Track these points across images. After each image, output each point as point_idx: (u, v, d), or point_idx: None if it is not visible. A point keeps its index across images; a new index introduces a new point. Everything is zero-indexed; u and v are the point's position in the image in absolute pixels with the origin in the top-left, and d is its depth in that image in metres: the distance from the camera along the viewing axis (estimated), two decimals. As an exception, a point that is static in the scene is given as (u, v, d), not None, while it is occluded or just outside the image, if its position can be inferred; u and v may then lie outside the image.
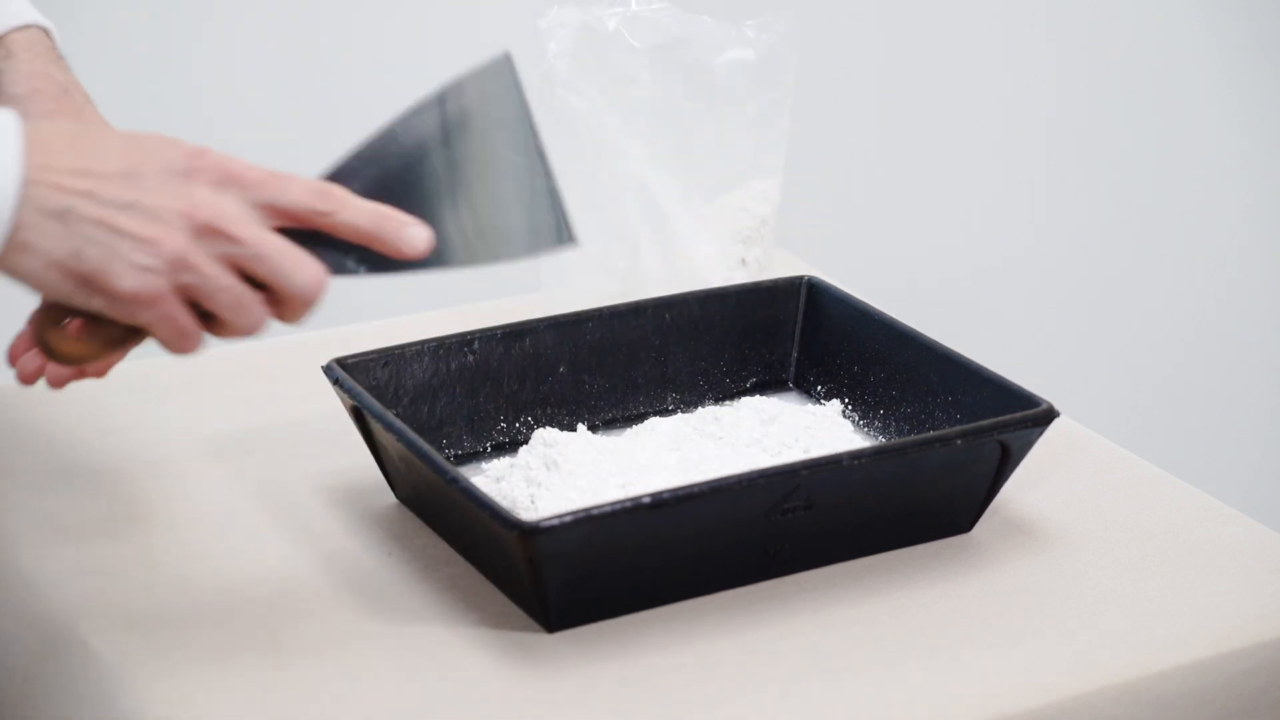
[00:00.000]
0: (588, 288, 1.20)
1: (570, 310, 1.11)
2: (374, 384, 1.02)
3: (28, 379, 0.97)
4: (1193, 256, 2.32)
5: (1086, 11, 2.21)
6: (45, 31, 1.03)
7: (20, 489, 1.05)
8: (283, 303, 0.84)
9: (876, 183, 2.20)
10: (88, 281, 0.80)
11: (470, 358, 1.07)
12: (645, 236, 1.21)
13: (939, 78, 2.18)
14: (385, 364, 1.04)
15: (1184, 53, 2.26)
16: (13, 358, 0.98)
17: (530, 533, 0.88)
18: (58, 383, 0.97)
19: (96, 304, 0.81)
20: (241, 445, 1.10)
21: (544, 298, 1.25)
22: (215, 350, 1.21)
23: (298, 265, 0.83)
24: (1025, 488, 1.05)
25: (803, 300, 1.14)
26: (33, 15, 1.03)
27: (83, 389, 1.16)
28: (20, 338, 0.98)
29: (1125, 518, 1.04)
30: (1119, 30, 2.23)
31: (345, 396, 1.01)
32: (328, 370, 1.02)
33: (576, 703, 0.88)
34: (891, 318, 1.10)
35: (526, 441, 1.07)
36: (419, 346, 1.06)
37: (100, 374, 0.99)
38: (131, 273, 0.80)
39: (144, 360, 1.20)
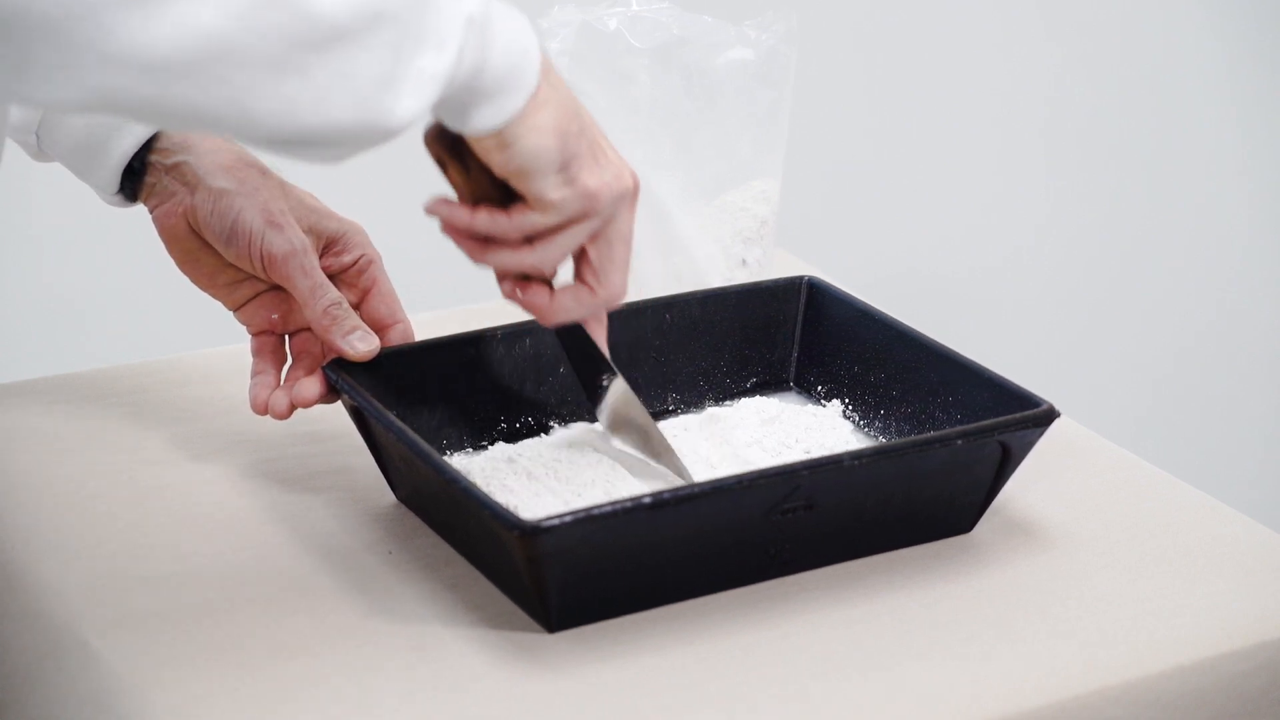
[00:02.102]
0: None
1: (570, 310, 1.11)
2: (374, 384, 1.02)
3: (282, 414, 1.04)
4: (1193, 257, 2.32)
5: (1086, 12, 2.21)
6: None
7: (20, 489, 1.05)
8: (593, 291, 0.94)
9: (876, 183, 2.20)
10: (566, 161, 0.88)
11: (470, 358, 1.07)
12: (645, 236, 1.21)
13: (939, 78, 2.18)
14: (385, 364, 1.04)
15: (1185, 52, 2.26)
16: (258, 407, 1.05)
17: (530, 533, 0.88)
18: (284, 413, 1.04)
19: (550, 184, 0.88)
20: (241, 445, 1.10)
21: (544, 298, 1.25)
22: (215, 349, 1.22)
23: (626, 271, 0.94)
24: (1025, 488, 1.05)
25: (803, 300, 1.14)
26: None
27: (82, 390, 1.16)
28: (260, 386, 1.05)
29: (1125, 518, 1.04)
30: (1119, 30, 2.23)
31: (345, 396, 1.01)
32: (328, 370, 1.02)
33: (576, 703, 0.88)
34: (891, 318, 1.10)
35: (526, 438, 1.07)
36: (419, 346, 1.06)
37: (307, 404, 1.04)
38: (598, 174, 0.89)
39: (142, 361, 1.21)
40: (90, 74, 0.74)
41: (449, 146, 0.89)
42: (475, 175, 0.90)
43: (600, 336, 1.00)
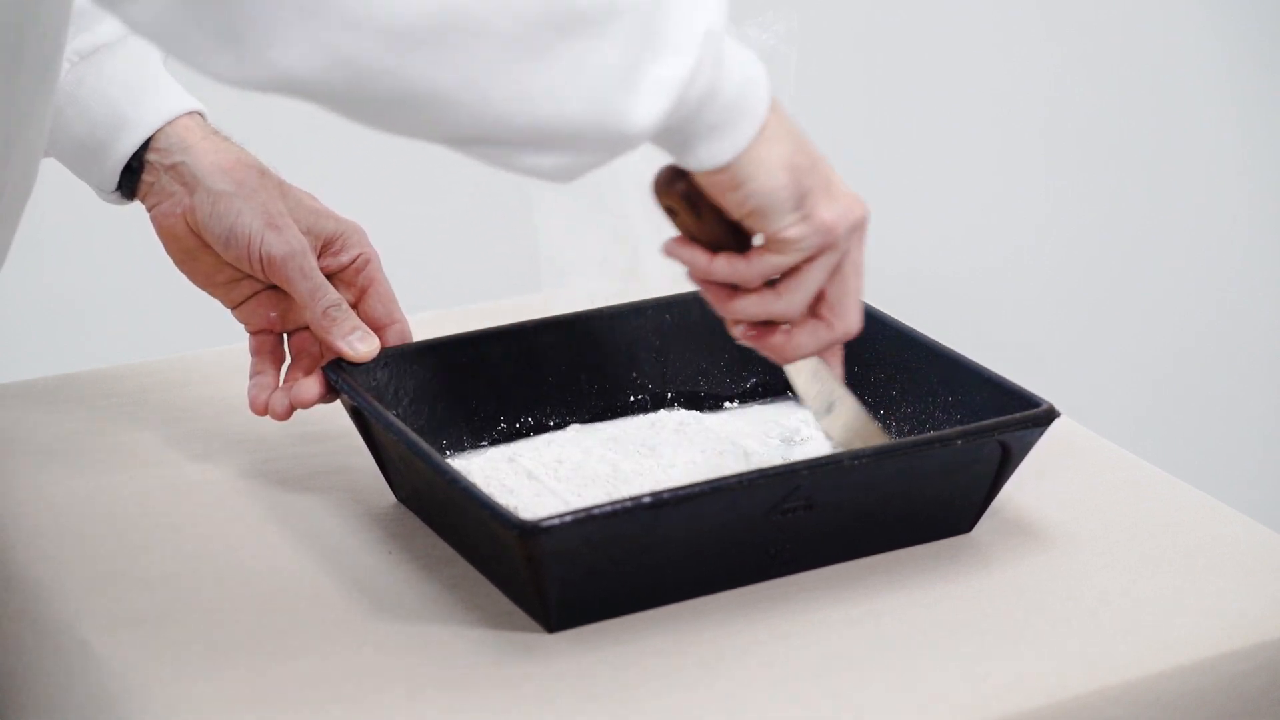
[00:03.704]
0: (588, 288, 1.20)
1: (570, 310, 1.11)
2: (374, 384, 1.02)
3: (282, 415, 1.05)
4: (1193, 257, 2.32)
5: (1086, 12, 2.21)
6: (201, 114, 1.05)
7: (20, 488, 1.05)
8: (830, 325, 0.92)
9: (876, 183, 2.20)
10: (801, 197, 0.87)
11: (470, 358, 1.07)
12: (645, 236, 1.21)
13: (939, 77, 2.18)
14: (385, 364, 1.04)
15: (1185, 52, 2.26)
16: (258, 408, 1.05)
17: (530, 532, 0.88)
18: (283, 414, 1.04)
19: (787, 222, 0.87)
20: (241, 445, 1.10)
21: (544, 298, 1.25)
22: (215, 349, 1.22)
23: (860, 303, 0.92)
24: (1025, 488, 1.05)
25: (803, 300, 1.14)
26: (190, 101, 1.05)
27: (80, 390, 1.16)
28: (258, 387, 1.05)
29: (1125, 518, 1.04)
30: (1119, 30, 2.23)
31: (345, 396, 1.01)
32: (328, 371, 1.02)
33: (576, 703, 0.88)
34: (891, 318, 1.10)
35: (526, 438, 1.07)
36: (419, 346, 1.06)
37: (306, 405, 1.04)
38: (833, 208, 0.88)
39: (142, 361, 1.21)
40: (331, 35, 0.72)
41: (680, 194, 0.88)
42: (707, 221, 0.89)
43: (837, 367, 0.98)
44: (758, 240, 0.90)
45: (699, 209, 0.88)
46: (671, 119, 0.81)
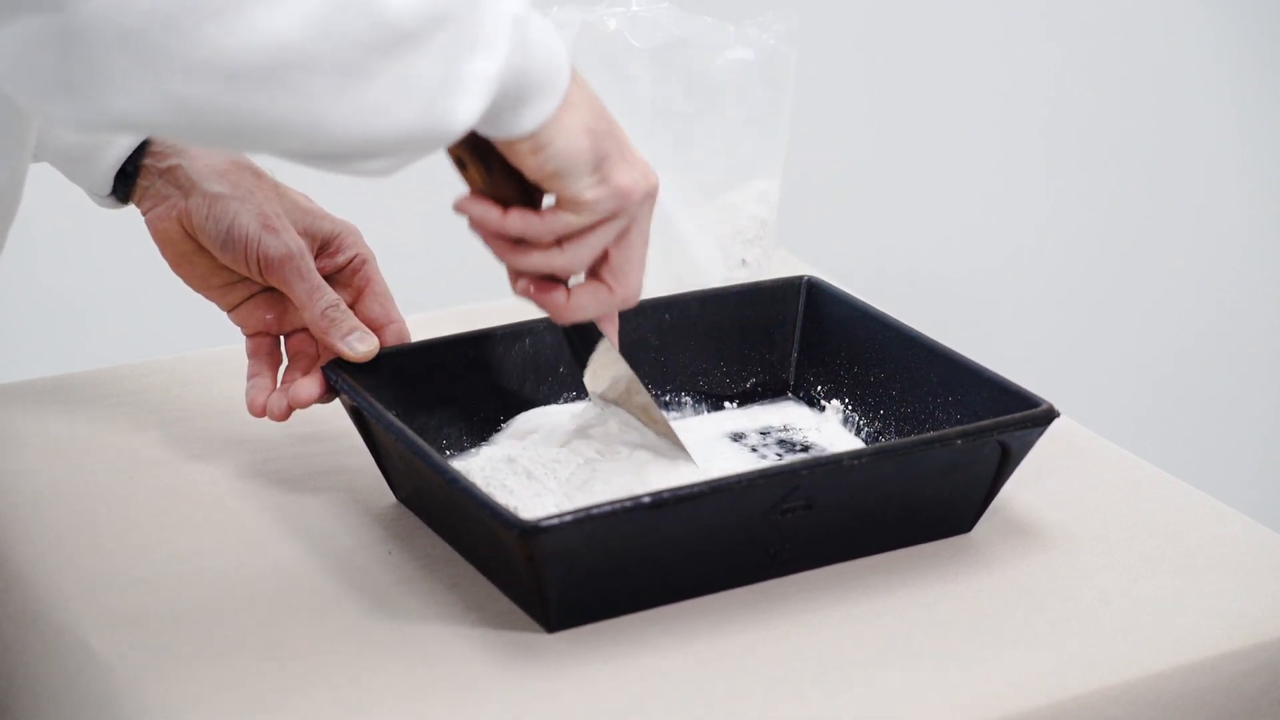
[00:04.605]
0: (588, 288, 1.20)
1: (570, 310, 1.11)
2: (374, 384, 1.02)
3: (280, 416, 1.05)
4: (1193, 257, 2.32)
5: (1086, 12, 2.21)
6: None
7: (20, 489, 1.05)
8: (611, 290, 0.94)
9: (876, 183, 2.20)
10: (599, 161, 0.88)
11: (470, 358, 1.07)
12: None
13: (939, 77, 2.18)
14: (384, 364, 1.04)
15: (1185, 52, 2.26)
16: (256, 410, 1.05)
17: (530, 532, 0.88)
18: (281, 415, 1.04)
19: (584, 184, 0.88)
20: (241, 445, 1.10)
21: (544, 298, 1.25)
22: (215, 350, 1.22)
23: (643, 271, 0.94)
24: (1025, 488, 1.05)
25: (803, 300, 1.14)
26: None
27: (82, 390, 1.16)
28: (256, 389, 1.05)
29: (1125, 518, 1.04)
30: (1119, 30, 2.23)
31: (345, 396, 1.01)
32: (328, 371, 1.02)
33: (576, 703, 0.88)
34: (891, 318, 1.10)
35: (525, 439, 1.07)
36: (419, 346, 1.06)
37: (304, 404, 1.04)
38: (629, 173, 0.90)
39: (142, 361, 1.21)
40: (171, 83, 0.74)
41: (471, 147, 0.89)
42: (497, 177, 0.90)
43: (613, 334, 0.99)
44: (549, 199, 0.91)
45: (489, 164, 0.89)
46: (490, 107, 0.83)
